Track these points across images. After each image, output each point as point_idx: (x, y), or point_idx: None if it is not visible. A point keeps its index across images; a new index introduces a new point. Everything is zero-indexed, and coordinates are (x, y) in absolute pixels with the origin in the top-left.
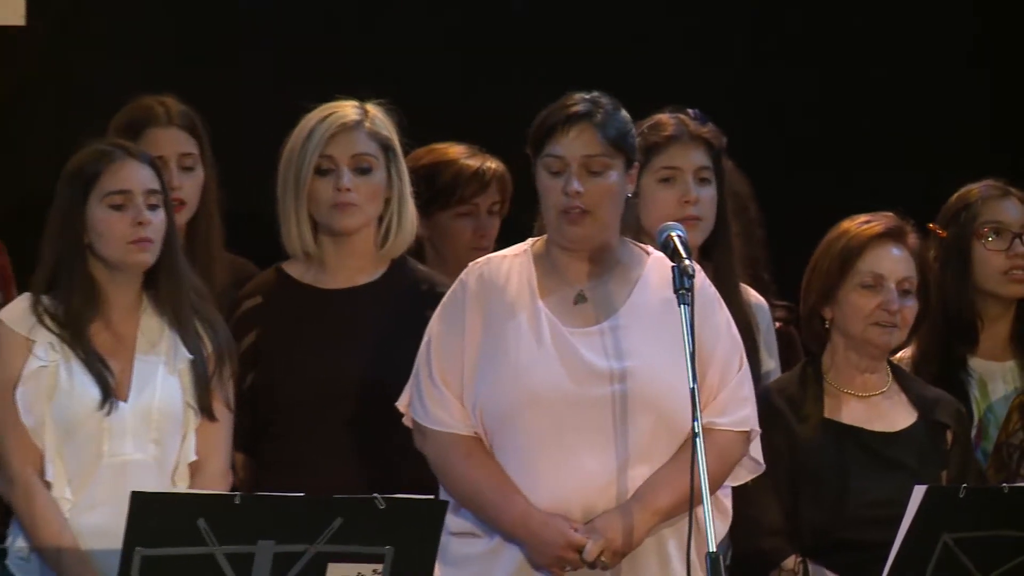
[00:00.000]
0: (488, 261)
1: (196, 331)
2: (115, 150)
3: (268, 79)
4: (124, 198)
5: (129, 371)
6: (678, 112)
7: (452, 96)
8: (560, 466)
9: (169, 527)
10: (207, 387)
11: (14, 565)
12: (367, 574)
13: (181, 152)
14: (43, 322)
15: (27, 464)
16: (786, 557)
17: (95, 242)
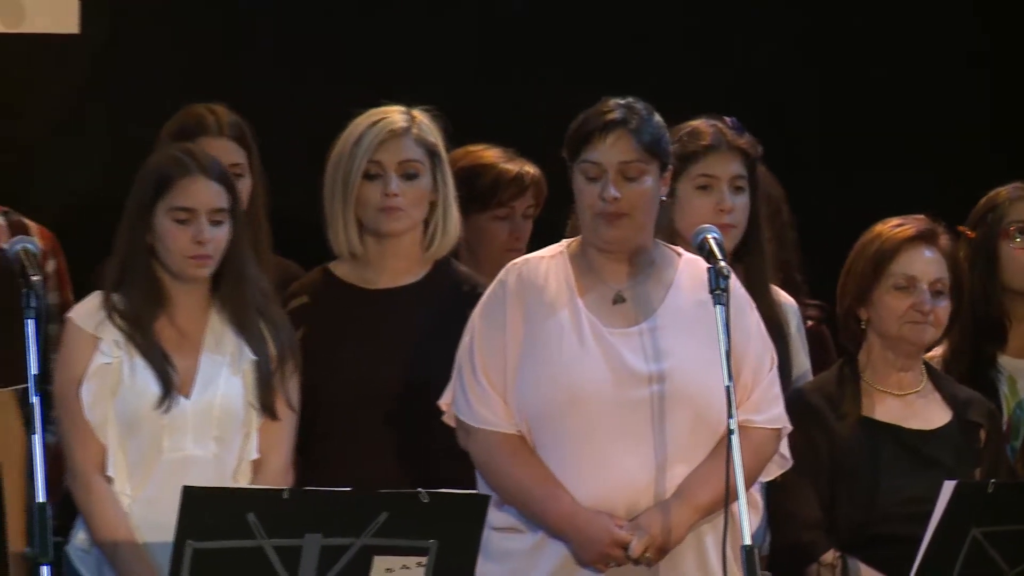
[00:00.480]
0: (526, 261)
1: (260, 333)
2: (191, 163)
3: (311, 85)
4: (188, 215)
5: (194, 368)
6: (715, 120)
7: (475, 98)
8: (602, 465)
9: (219, 521)
10: (270, 387)
11: (75, 558)
12: (412, 567)
13: (231, 162)
14: (111, 319)
15: (89, 459)
16: (825, 551)
17: (158, 247)
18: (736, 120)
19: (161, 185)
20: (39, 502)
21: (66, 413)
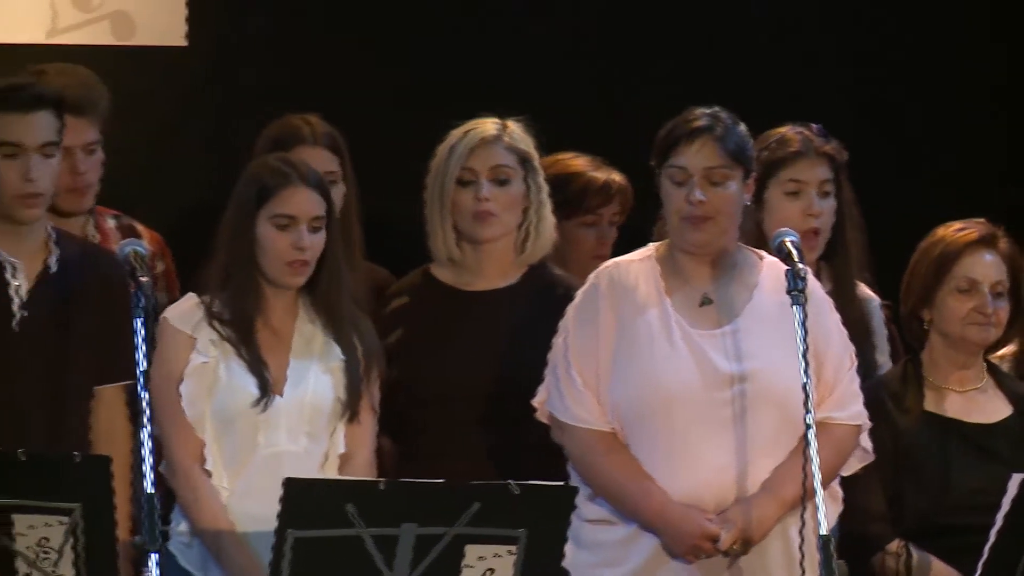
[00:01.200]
0: (616, 264)
1: (348, 336)
2: (291, 173)
3: (407, 97)
4: (290, 221)
5: (285, 368)
6: (802, 127)
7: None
8: (691, 461)
9: (319, 511)
10: (357, 387)
11: (176, 549)
12: (502, 555)
13: (325, 170)
14: (207, 320)
15: (188, 453)
16: (890, 541)
17: (258, 253)
18: (821, 127)
19: (263, 194)
20: (148, 493)
21: (165, 409)
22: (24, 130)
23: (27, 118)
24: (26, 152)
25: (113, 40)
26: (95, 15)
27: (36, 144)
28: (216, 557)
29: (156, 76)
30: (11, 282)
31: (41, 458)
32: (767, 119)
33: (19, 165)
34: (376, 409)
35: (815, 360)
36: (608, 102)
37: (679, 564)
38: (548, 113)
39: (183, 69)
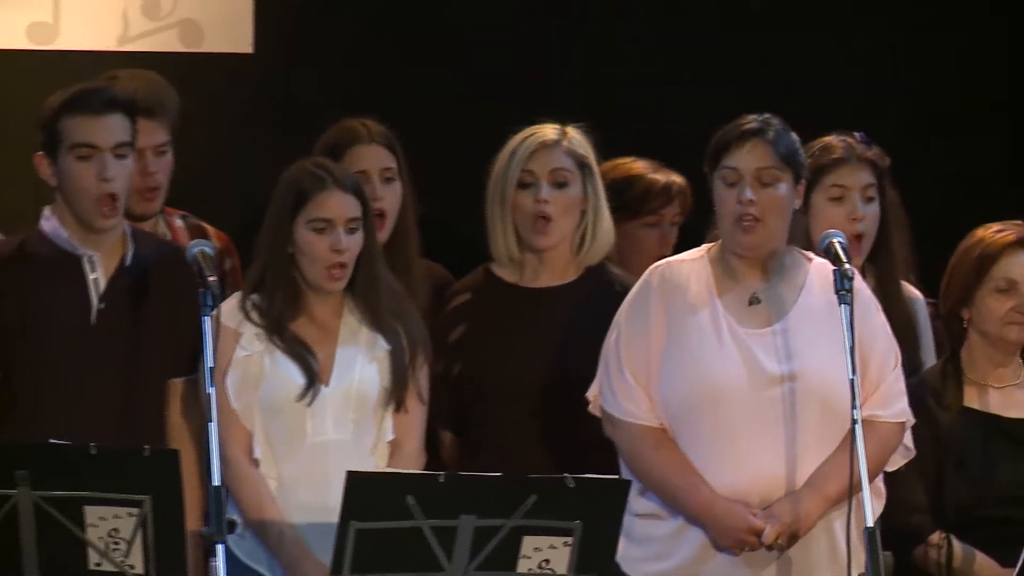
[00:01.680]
0: (668, 264)
1: (393, 327)
2: (326, 178)
3: (469, 103)
4: (326, 225)
5: (332, 359)
6: (845, 135)
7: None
8: (738, 457)
9: (381, 503)
10: (403, 376)
11: (231, 540)
12: (558, 546)
13: (382, 167)
14: (250, 317)
15: (237, 445)
16: (932, 533)
17: (297, 256)
18: (864, 135)
19: (300, 199)
20: (215, 485)
21: (216, 403)
22: (98, 132)
23: (101, 120)
24: (101, 153)
25: (181, 47)
26: (164, 23)
27: (110, 145)
28: (266, 546)
29: (223, 82)
30: (89, 275)
31: (112, 451)
32: (819, 127)
33: (94, 166)
34: (424, 398)
35: (861, 358)
36: (665, 108)
37: (725, 557)
38: (607, 119)
39: (249, 75)
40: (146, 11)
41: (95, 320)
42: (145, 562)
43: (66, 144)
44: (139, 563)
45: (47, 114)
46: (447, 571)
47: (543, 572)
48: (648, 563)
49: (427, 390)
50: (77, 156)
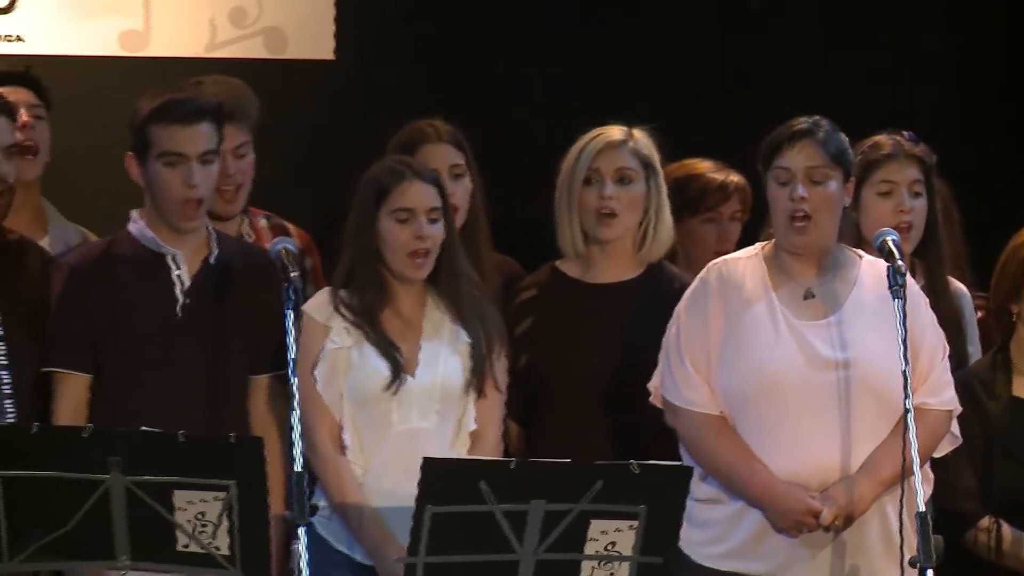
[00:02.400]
0: (725, 261)
1: (472, 319)
2: (405, 170)
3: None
4: (408, 214)
5: (417, 351)
6: (894, 133)
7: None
8: (795, 442)
9: (455, 488)
10: (483, 368)
11: (318, 523)
12: (624, 530)
13: (451, 164)
14: (339, 311)
15: (325, 433)
16: (981, 518)
17: (382, 248)
18: (912, 133)
19: (381, 192)
20: (297, 471)
21: (305, 394)
22: (186, 141)
23: (189, 130)
24: (188, 161)
25: (266, 54)
26: (250, 31)
27: (196, 153)
28: (352, 530)
29: (305, 87)
30: (174, 272)
31: (199, 439)
32: (870, 126)
33: (180, 173)
34: (502, 389)
35: (911, 350)
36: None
37: (783, 538)
38: (673, 122)
39: (330, 80)
40: (233, 19)
41: (180, 315)
42: (231, 544)
43: (155, 151)
44: (225, 545)
45: (138, 119)
46: (518, 553)
47: (609, 554)
48: (708, 546)
49: (505, 381)
50: (165, 163)
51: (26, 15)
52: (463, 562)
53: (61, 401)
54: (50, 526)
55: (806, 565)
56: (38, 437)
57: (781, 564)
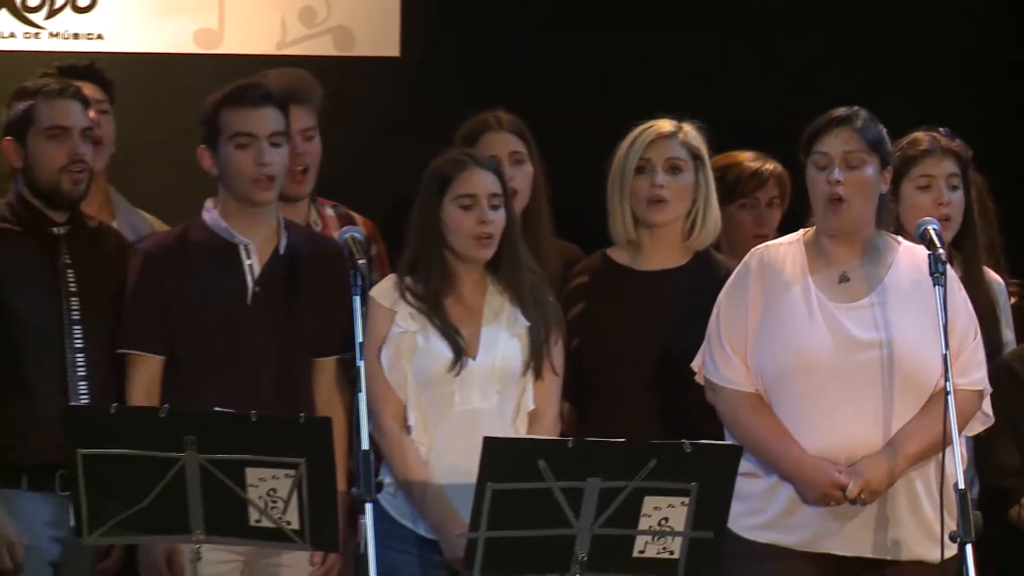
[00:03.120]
0: (767, 247)
1: (531, 304)
2: (466, 159)
3: (595, 102)
4: (471, 200)
5: (477, 335)
6: (931, 130)
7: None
8: (826, 420)
9: (515, 466)
10: (540, 352)
11: (383, 499)
12: (676, 506)
13: (511, 151)
14: (404, 297)
15: (390, 414)
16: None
17: (447, 235)
18: (949, 129)
19: (444, 181)
20: (363, 449)
21: (371, 375)
22: (255, 122)
23: (257, 112)
24: (258, 141)
25: (335, 51)
26: (319, 29)
27: (266, 134)
28: (416, 506)
29: (372, 83)
30: (245, 261)
31: (270, 419)
32: (909, 121)
33: (252, 153)
34: (558, 372)
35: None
36: (769, 107)
37: (815, 511)
38: (720, 118)
39: (396, 77)
40: (303, 18)
41: (251, 302)
42: (300, 519)
43: (226, 134)
44: (295, 520)
45: (208, 110)
46: (575, 528)
47: (662, 529)
48: (746, 517)
49: (562, 364)
50: (236, 144)
51: (106, 14)
52: (522, 537)
53: (134, 381)
54: (128, 502)
55: (837, 537)
56: (117, 417)
57: (813, 536)
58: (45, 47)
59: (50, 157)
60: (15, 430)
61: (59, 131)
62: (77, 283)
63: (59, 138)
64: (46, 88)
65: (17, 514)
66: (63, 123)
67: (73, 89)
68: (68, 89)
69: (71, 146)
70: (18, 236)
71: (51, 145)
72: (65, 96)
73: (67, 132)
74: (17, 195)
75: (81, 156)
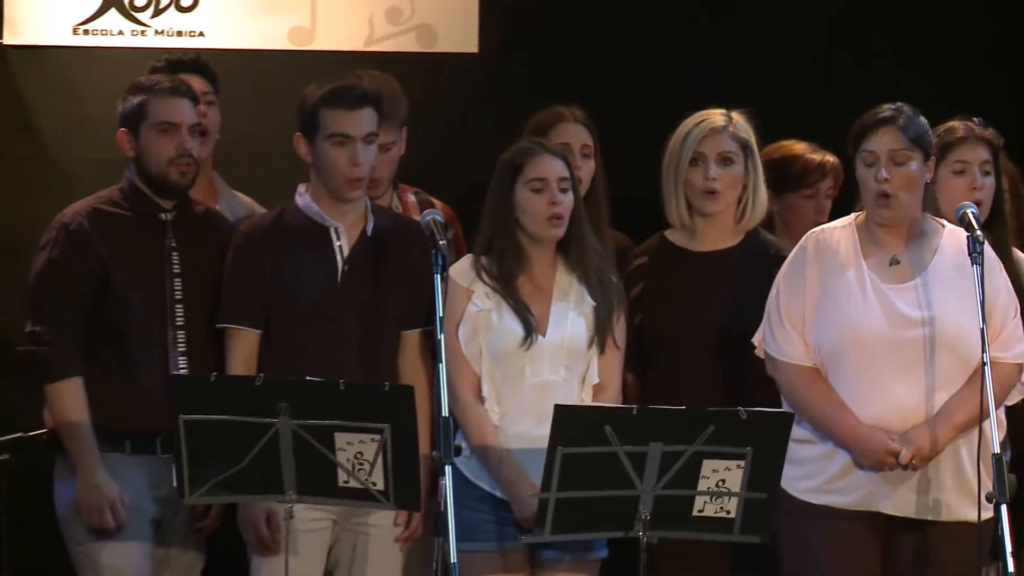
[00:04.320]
0: (822, 230)
1: (596, 284)
2: (537, 147)
3: (654, 94)
4: (542, 184)
5: (547, 313)
6: (966, 119)
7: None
8: (879, 391)
9: (583, 431)
10: (605, 328)
11: (461, 462)
12: (733, 469)
13: (582, 143)
14: (480, 277)
15: (466, 385)
16: None
17: (520, 217)
18: (982, 119)
19: (517, 167)
20: (443, 416)
21: (449, 349)
22: (352, 123)
23: (354, 114)
24: (353, 141)
25: (418, 48)
26: (404, 27)
27: (361, 135)
28: (490, 470)
29: (452, 78)
30: (335, 243)
31: (358, 387)
32: (947, 110)
33: (347, 152)
34: (621, 346)
35: (985, 310)
36: (823, 95)
37: (866, 475)
38: (769, 106)
39: (474, 71)
40: (389, 17)
41: (340, 281)
42: (385, 480)
43: (324, 132)
44: (380, 481)
45: (308, 103)
46: (638, 489)
47: (719, 490)
48: (802, 481)
49: (624, 339)
50: (333, 143)
51: (207, 13)
52: (589, 497)
53: (233, 353)
54: (226, 464)
55: (887, 499)
56: (217, 385)
57: (865, 498)
58: (151, 44)
59: (160, 150)
60: (119, 400)
61: (169, 127)
62: (181, 265)
63: (169, 133)
64: (159, 86)
65: (121, 477)
66: (173, 119)
67: (184, 88)
68: (179, 88)
69: (179, 141)
70: (129, 220)
71: (161, 139)
72: (176, 95)
73: (176, 128)
74: (129, 182)
75: (188, 151)
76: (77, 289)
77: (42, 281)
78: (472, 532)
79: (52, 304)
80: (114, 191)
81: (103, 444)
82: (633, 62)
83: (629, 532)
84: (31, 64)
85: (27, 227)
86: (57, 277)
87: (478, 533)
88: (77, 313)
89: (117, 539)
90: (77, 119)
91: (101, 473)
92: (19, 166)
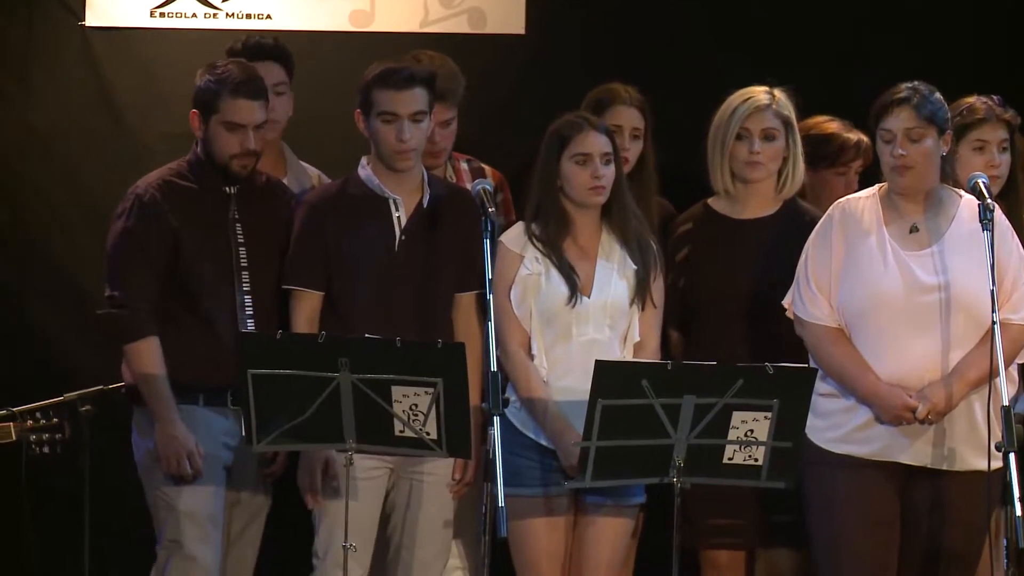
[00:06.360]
0: (848, 200)
1: (636, 248)
2: (582, 122)
3: (702, 73)
4: (586, 158)
5: (592, 275)
6: (986, 98)
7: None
8: (898, 351)
9: (621, 385)
10: (645, 288)
11: (509, 413)
12: (760, 420)
13: (633, 126)
14: (531, 242)
15: (517, 342)
16: None
17: (564, 186)
18: (1001, 98)
19: (563, 141)
20: (492, 371)
21: (501, 310)
22: (398, 103)
23: (401, 94)
24: (400, 119)
25: (469, 29)
26: (456, 10)
27: (407, 113)
28: (537, 420)
29: (501, 57)
30: (394, 214)
31: (413, 344)
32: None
33: (394, 129)
34: (658, 305)
35: (997, 273)
36: (855, 73)
37: (885, 428)
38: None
39: (521, 52)
40: (442, 0)
41: (398, 248)
42: (438, 430)
43: (376, 110)
44: (434, 431)
45: (365, 82)
46: (673, 439)
47: (748, 440)
48: (826, 431)
49: (662, 299)
50: (383, 120)
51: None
52: (627, 445)
53: (298, 313)
54: (290, 415)
55: (904, 451)
56: (282, 342)
57: (884, 448)
58: (222, 26)
59: (224, 145)
60: (193, 357)
61: (235, 126)
62: (244, 235)
63: (235, 131)
64: (232, 79)
65: (195, 427)
66: (240, 121)
67: (254, 87)
68: (250, 87)
69: (243, 139)
70: (196, 192)
71: (227, 136)
72: (247, 96)
73: (242, 128)
74: (196, 156)
75: (251, 149)
76: (151, 256)
77: (118, 249)
78: (519, 478)
79: (127, 270)
80: (183, 163)
81: (178, 397)
82: (678, 43)
83: (664, 478)
84: (111, 45)
85: (109, 197)
86: (132, 245)
87: (524, 479)
88: (151, 278)
89: (194, 485)
90: (153, 96)
91: (179, 424)
92: (101, 140)
